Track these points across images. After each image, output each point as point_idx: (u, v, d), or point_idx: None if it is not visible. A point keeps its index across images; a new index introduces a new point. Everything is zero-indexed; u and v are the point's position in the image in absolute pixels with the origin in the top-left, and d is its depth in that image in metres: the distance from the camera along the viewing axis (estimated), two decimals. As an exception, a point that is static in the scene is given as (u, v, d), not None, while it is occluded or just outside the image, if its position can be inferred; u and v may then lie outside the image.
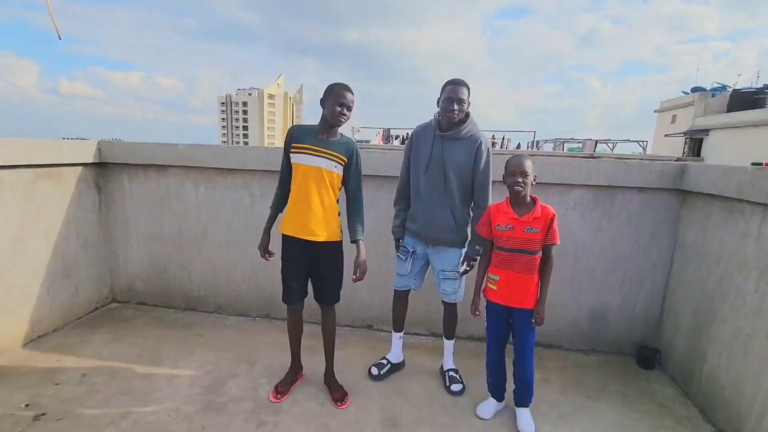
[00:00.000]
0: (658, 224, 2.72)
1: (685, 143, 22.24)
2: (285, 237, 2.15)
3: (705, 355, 2.32)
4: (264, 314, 3.27)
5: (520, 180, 1.95)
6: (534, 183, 2.00)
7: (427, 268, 2.46)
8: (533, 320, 2.03)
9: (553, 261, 2.04)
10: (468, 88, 2.19)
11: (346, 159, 2.11)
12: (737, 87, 22.04)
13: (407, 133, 22.82)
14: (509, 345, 2.16)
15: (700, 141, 21.30)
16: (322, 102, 2.08)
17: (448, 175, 2.22)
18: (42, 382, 2.31)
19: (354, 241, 2.16)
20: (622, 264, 2.80)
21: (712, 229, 2.37)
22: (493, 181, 2.77)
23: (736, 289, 2.12)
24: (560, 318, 2.90)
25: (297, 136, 2.09)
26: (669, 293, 2.75)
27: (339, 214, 2.18)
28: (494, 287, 2.08)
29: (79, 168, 3.05)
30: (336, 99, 2.01)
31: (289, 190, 2.13)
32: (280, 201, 2.21)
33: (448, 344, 2.53)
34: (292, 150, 2.08)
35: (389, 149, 9.84)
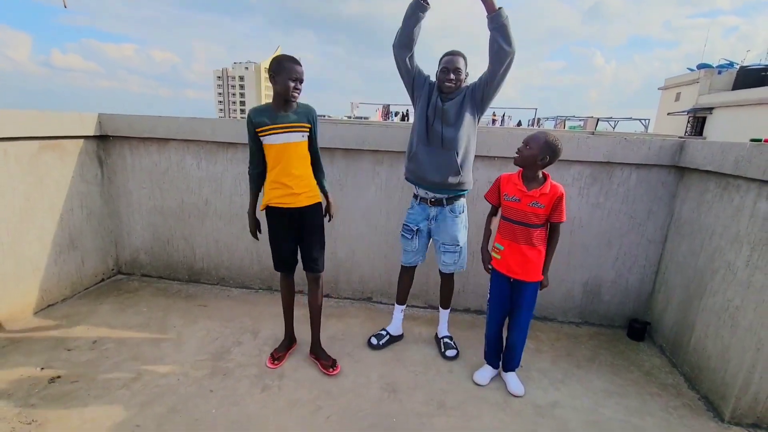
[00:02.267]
0: (655, 200, 2.76)
1: (688, 122, 21.97)
2: (269, 209, 2.19)
3: (693, 327, 2.40)
4: (266, 286, 3.35)
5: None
6: (540, 162, 1.96)
7: (430, 241, 2.52)
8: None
9: (558, 234, 2.10)
10: (465, 58, 2.25)
11: (309, 125, 2.14)
12: (745, 64, 21.58)
13: (407, 110, 22.49)
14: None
15: (704, 120, 21.03)
16: (273, 78, 2.02)
17: (445, 130, 2.24)
18: (55, 348, 2.41)
19: (324, 193, 2.31)
20: (617, 239, 2.85)
21: (707, 204, 2.41)
22: (494, 157, 2.81)
23: (727, 263, 2.18)
24: (555, 292, 2.97)
25: (259, 120, 2.06)
26: (662, 268, 2.82)
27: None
28: (498, 256, 2.15)
29: (81, 140, 3.05)
30: (288, 74, 1.98)
31: (265, 169, 2.17)
32: (258, 182, 2.22)
33: (444, 313, 2.62)
34: (259, 134, 2.07)
35: (388, 125, 9.74)
